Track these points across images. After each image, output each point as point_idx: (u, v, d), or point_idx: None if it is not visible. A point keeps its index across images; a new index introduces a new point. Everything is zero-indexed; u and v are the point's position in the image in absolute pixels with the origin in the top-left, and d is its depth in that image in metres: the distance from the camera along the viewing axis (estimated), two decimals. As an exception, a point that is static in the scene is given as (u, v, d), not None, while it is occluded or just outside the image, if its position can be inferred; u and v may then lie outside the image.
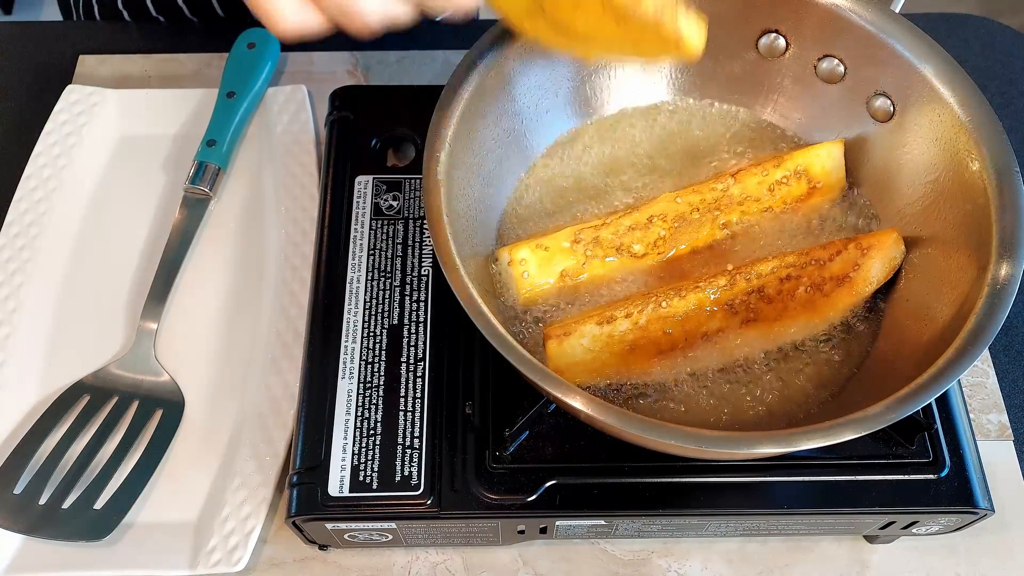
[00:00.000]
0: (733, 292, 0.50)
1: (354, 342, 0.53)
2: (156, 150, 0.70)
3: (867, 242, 0.51)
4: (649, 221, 0.53)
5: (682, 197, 0.54)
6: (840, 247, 0.51)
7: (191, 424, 0.59)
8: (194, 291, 0.64)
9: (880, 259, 0.51)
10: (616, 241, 0.53)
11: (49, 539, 0.53)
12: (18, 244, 0.64)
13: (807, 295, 0.50)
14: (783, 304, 0.50)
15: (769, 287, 0.50)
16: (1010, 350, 0.64)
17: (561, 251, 0.52)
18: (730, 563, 0.56)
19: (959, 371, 0.42)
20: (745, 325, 0.50)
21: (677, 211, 0.53)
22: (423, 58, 0.75)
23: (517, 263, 0.51)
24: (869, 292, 0.51)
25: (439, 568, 0.55)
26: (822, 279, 0.50)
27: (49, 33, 0.78)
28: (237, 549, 0.53)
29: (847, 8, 0.52)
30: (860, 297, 0.51)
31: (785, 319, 0.50)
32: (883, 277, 0.51)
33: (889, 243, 0.51)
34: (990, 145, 0.47)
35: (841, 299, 0.50)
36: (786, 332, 0.51)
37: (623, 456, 0.49)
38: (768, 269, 0.51)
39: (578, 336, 0.49)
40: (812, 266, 0.51)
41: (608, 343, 0.49)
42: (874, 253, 0.51)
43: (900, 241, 0.51)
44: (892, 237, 0.51)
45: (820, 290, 0.50)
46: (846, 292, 0.50)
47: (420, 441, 0.50)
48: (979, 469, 0.50)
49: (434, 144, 0.48)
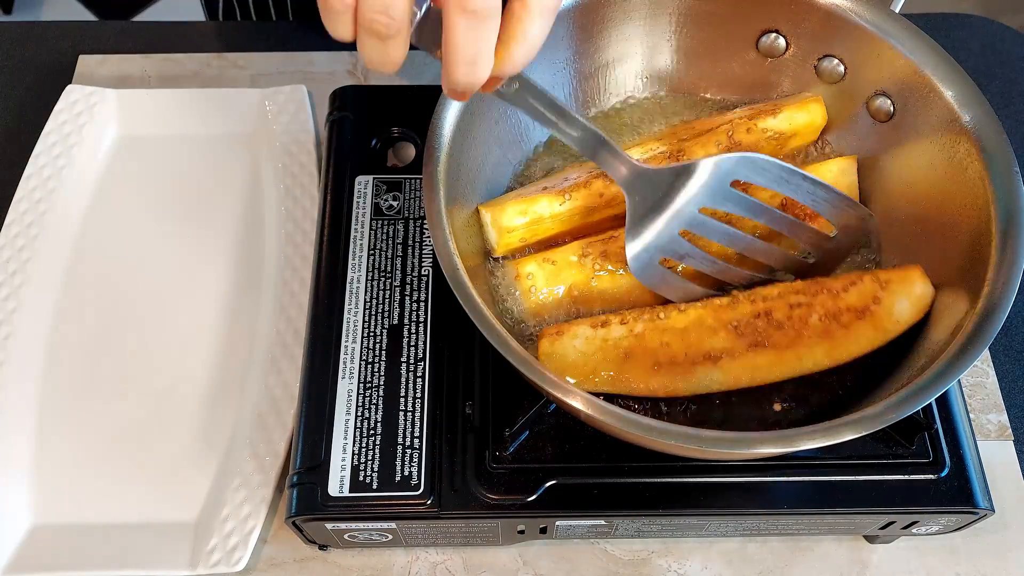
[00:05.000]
0: (737, 313, 0.49)
1: (354, 342, 0.53)
2: (156, 150, 0.70)
3: (886, 276, 0.49)
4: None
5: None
6: (855, 279, 0.49)
7: (191, 424, 0.59)
8: (195, 291, 0.64)
9: (905, 297, 0.48)
10: (623, 254, 0.51)
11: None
12: (18, 244, 0.64)
13: (822, 324, 0.48)
14: (795, 331, 0.48)
15: (778, 312, 0.48)
16: (1010, 350, 0.64)
17: (568, 265, 0.51)
18: (730, 563, 0.56)
19: (959, 371, 0.42)
20: (754, 350, 0.48)
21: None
22: (423, 58, 0.75)
23: (524, 277, 0.51)
24: (896, 332, 0.48)
25: (439, 568, 0.55)
26: (838, 309, 0.48)
27: (49, 33, 0.78)
28: (237, 549, 0.53)
29: (847, 8, 0.52)
30: (887, 336, 0.48)
31: (799, 347, 0.48)
32: (912, 317, 0.48)
33: (912, 279, 0.48)
34: (990, 145, 0.47)
35: (863, 333, 0.48)
36: (800, 362, 0.48)
37: (623, 456, 0.49)
38: (775, 293, 0.49)
39: (571, 336, 0.48)
40: (824, 295, 0.49)
41: (602, 347, 0.48)
42: (896, 288, 0.48)
43: (925, 278, 0.49)
44: (915, 273, 0.48)
45: (837, 320, 0.48)
46: (868, 326, 0.48)
47: (420, 441, 0.50)
48: (979, 469, 0.50)
49: (434, 144, 0.48)
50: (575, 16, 0.54)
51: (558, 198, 0.52)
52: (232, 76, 0.75)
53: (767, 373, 0.48)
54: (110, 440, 0.58)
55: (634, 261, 0.49)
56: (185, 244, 0.66)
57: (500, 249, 0.52)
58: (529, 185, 0.55)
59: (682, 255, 0.50)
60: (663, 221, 0.49)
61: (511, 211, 0.51)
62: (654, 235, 0.49)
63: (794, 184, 0.49)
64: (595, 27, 0.55)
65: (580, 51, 0.56)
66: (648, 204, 0.48)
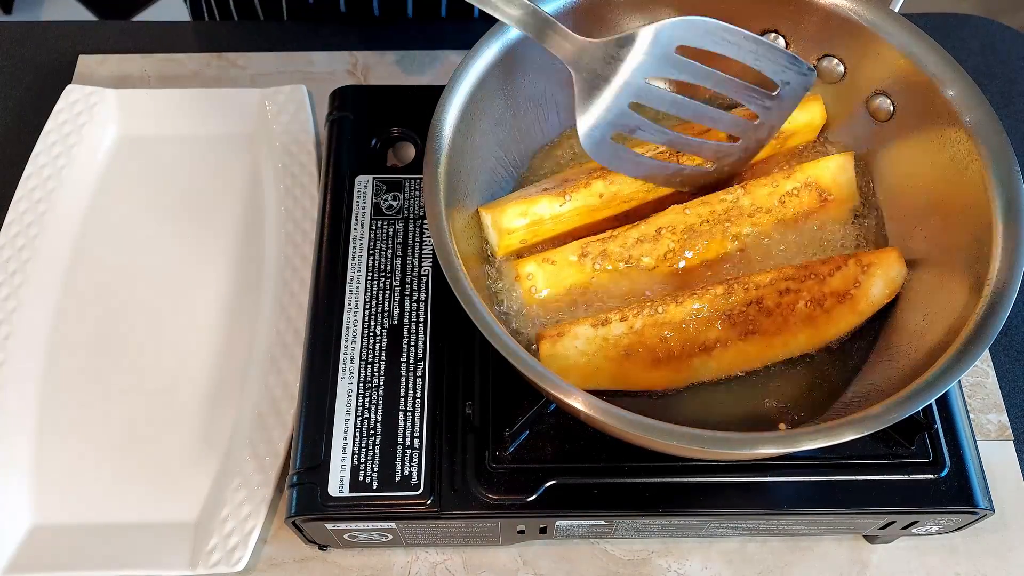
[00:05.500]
0: (731, 302, 0.50)
1: (354, 342, 0.53)
2: (156, 150, 0.70)
3: (867, 259, 0.51)
4: (658, 233, 0.52)
5: (691, 208, 0.52)
6: (840, 263, 0.50)
7: (191, 424, 0.59)
8: (194, 291, 0.64)
9: (881, 278, 0.50)
10: (624, 254, 0.52)
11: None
12: (18, 244, 0.64)
13: (807, 310, 0.50)
14: (783, 318, 0.50)
15: (768, 299, 0.50)
16: (1010, 350, 0.64)
17: (568, 264, 0.51)
18: (730, 563, 0.56)
19: (959, 371, 0.42)
20: (744, 338, 0.50)
21: (686, 222, 0.52)
22: (423, 58, 0.75)
23: (524, 277, 0.51)
24: (870, 312, 0.50)
25: (439, 568, 0.55)
26: (822, 294, 0.50)
27: (49, 33, 0.78)
28: (237, 549, 0.53)
29: (847, 8, 0.52)
30: (861, 318, 0.50)
31: (785, 334, 0.50)
32: (884, 298, 0.50)
33: (890, 262, 0.50)
34: (990, 145, 0.47)
35: (842, 317, 0.50)
36: (786, 348, 0.50)
37: (623, 456, 0.49)
38: (767, 280, 0.50)
39: (571, 337, 0.49)
40: (812, 280, 0.50)
41: (603, 346, 0.49)
42: (874, 271, 0.50)
43: (901, 260, 0.51)
44: (893, 255, 0.51)
45: (820, 306, 0.50)
46: (847, 310, 0.50)
47: (420, 441, 0.50)
48: (979, 469, 0.50)
49: (434, 144, 0.48)
50: (575, 16, 0.54)
51: (558, 199, 0.52)
52: (232, 76, 0.75)
53: (756, 360, 0.50)
54: (110, 440, 0.58)
55: (586, 139, 0.49)
56: (185, 244, 0.66)
57: (501, 250, 0.52)
58: (529, 186, 0.55)
59: (632, 128, 0.50)
60: (612, 94, 0.48)
61: (511, 213, 0.51)
62: (604, 109, 0.49)
63: (736, 43, 0.49)
64: (595, 28, 0.55)
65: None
66: (596, 79, 0.48)
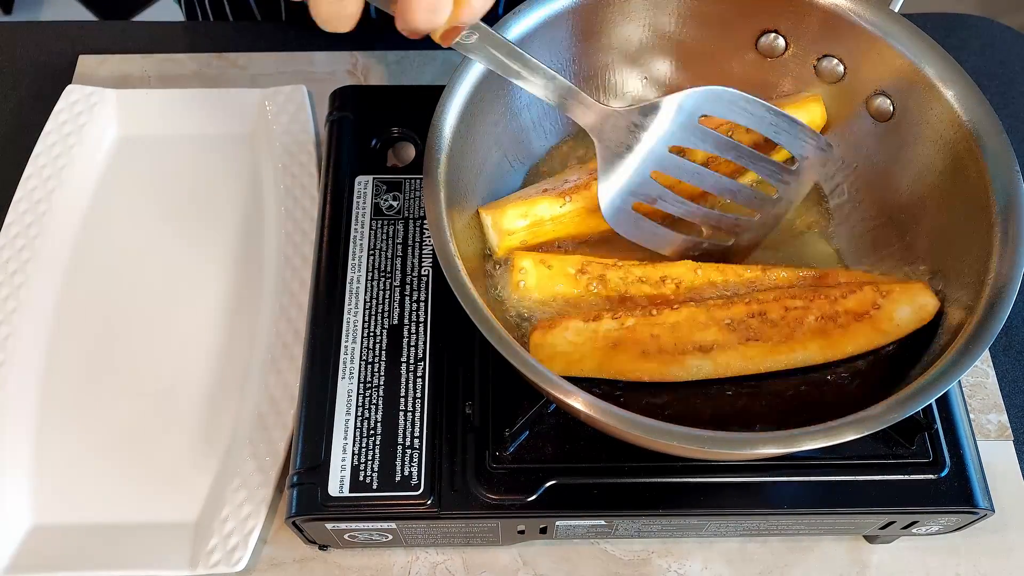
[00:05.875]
0: (731, 312, 0.49)
1: (354, 342, 0.53)
2: (156, 150, 0.70)
3: (887, 287, 0.49)
4: (661, 280, 0.51)
5: (703, 271, 0.52)
6: (854, 288, 0.49)
7: (191, 424, 0.59)
8: (194, 291, 0.64)
9: (908, 304, 0.48)
10: (622, 287, 0.51)
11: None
12: (18, 244, 0.64)
13: (818, 324, 0.48)
14: (789, 329, 0.49)
15: (772, 312, 0.49)
16: (1010, 350, 0.64)
17: (564, 275, 0.51)
18: (730, 563, 0.56)
19: (959, 371, 0.42)
20: (746, 343, 0.49)
21: (693, 282, 0.51)
22: (423, 58, 0.75)
23: (517, 269, 0.51)
24: (896, 334, 0.48)
25: (439, 568, 0.55)
26: (835, 312, 0.49)
27: (49, 33, 0.78)
28: (237, 549, 0.53)
29: (847, 8, 0.52)
30: (887, 337, 0.48)
31: (792, 342, 0.49)
32: (911, 323, 0.48)
33: (916, 291, 0.49)
34: (990, 145, 0.47)
35: (861, 333, 0.48)
36: (793, 354, 0.49)
37: (623, 456, 0.49)
38: (771, 296, 0.49)
39: (562, 329, 0.49)
40: (822, 300, 0.49)
41: (591, 337, 0.49)
42: (898, 297, 0.48)
43: (929, 291, 0.49)
44: (918, 287, 0.49)
45: (834, 321, 0.48)
46: (868, 328, 0.48)
47: (420, 441, 0.50)
48: (979, 469, 0.50)
49: (434, 144, 0.48)
50: (575, 17, 0.54)
51: (559, 200, 0.52)
52: (232, 76, 0.75)
53: (759, 363, 0.49)
54: (110, 440, 0.58)
55: (607, 207, 0.49)
56: (185, 244, 0.66)
57: (501, 251, 0.52)
58: (529, 187, 0.55)
59: (654, 197, 0.50)
60: (634, 162, 0.48)
61: (512, 214, 0.51)
62: (626, 178, 0.49)
63: (758, 116, 0.49)
64: (595, 28, 0.55)
65: (580, 52, 0.56)
66: (618, 147, 0.48)
